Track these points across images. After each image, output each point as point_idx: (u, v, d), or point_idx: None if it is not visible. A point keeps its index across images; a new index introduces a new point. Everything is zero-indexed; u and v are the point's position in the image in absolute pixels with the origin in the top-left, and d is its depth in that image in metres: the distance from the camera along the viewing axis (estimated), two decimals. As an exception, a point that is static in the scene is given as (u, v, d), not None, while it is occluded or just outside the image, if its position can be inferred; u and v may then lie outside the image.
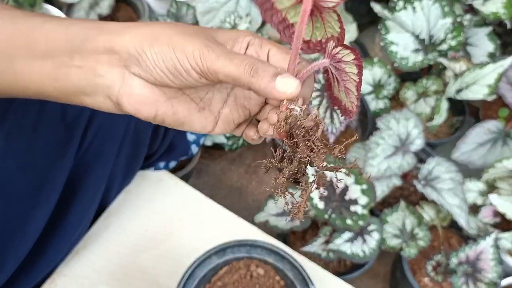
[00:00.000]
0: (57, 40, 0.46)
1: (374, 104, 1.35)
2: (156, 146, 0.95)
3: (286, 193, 0.44)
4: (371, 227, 1.11)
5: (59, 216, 0.81)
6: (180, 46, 0.43)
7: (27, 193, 0.75)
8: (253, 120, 0.51)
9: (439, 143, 1.38)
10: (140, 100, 0.46)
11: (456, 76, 1.23)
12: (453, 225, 1.20)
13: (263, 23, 1.43)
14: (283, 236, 1.23)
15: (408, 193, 1.31)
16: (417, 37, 1.29)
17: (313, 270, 0.98)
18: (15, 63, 0.47)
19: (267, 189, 0.43)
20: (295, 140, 0.42)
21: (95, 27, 0.46)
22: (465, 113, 1.41)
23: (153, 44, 0.43)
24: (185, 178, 1.26)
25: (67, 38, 0.46)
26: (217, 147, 1.38)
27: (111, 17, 1.50)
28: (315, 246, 1.11)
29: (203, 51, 0.43)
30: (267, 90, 0.42)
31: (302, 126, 0.42)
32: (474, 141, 1.29)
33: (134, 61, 0.44)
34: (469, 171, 1.27)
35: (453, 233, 1.23)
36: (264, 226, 1.14)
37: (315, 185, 0.44)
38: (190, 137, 1.24)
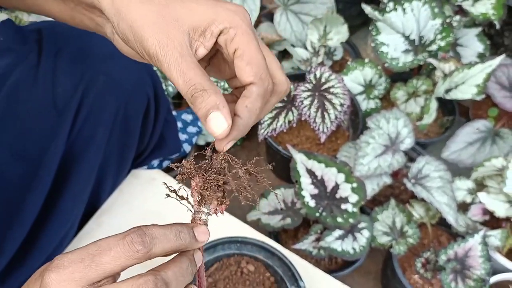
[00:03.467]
0: None
1: (365, 104, 1.36)
2: (147, 139, 0.97)
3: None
4: (362, 224, 1.13)
5: (53, 201, 0.82)
6: (138, 35, 0.43)
7: (21, 180, 0.77)
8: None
9: (429, 142, 1.39)
10: (129, 54, 0.50)
11: (445, 76, 1.24)
12: (443, 223, 1.21)
13: (257, 24, 1.45)
14: (274, 234, 1.24)
15: (398, 192, 1.32)
16: (407, 38, 1.31)
17: (304, 267, 0.99)
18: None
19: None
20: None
21: None
22: (455, 113, 1.42)
23: (118, 21, 0.44)
24: (178, 178, 1.27)
25: None
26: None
27: None
28: (306, 243, 1.12)
29: (156, 52, 0.42)
30: (202, 121, 0.42)
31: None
32: (464, 140, 1.31)
33: (113, 25, 0.46)
34: (459, 170, 1.29)
35: (443, 231, 1.24)
36: (257, 225, 1.15)
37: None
38: (182, 137, 1.25)
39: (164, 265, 0.42)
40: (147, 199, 1.07)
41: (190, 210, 0.46)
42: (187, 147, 1.23)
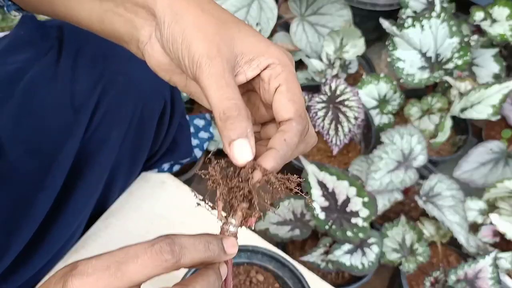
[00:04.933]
0: None
1: (378, 119, 1.36)
2: (159, 142, 0.96)
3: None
4: (371, 240, 1.11)
5: (63, 201, 0.81)
6: (188, 40, 0.42)
7: (34, 177, 0.75)
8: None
9: (441, 160, 1.38)
10: (157, 64, 0.47)
11: (461, 95, 1.24)
12: (453, 243, 1.20)
13: (273, 33, 1.44)
14: (282, 245, 1.23)
15: (408, 209, 1.31)
16: (424, 54, 1.30)
17: (311, 280, 0.97)
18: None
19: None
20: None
21: None
22: (468, 132, 1.41)
23: (171, 22, 0.43)
24: (187, 183, 1.26)
25: None
26: (221, 153, 1.38)
27: None
28: (315, 256, 1.11)
29: (202, 60, 0.41)
30: (224, 143, 0.41)
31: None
32: (476, 160, 1.30)
33: (159, 27, 0.45)
34: (470, 190, 1.28)
35: (452, 251, 1.23)
36: (265, 234, 1.14)
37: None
38: (194, 142, 1.24)
39: (191, 278, 0.40)
40: (156, 202, 1.05)
41: (220, 221, 0.44)
42: (198, 152, 1.22)
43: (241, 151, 0.40)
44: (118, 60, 0.81)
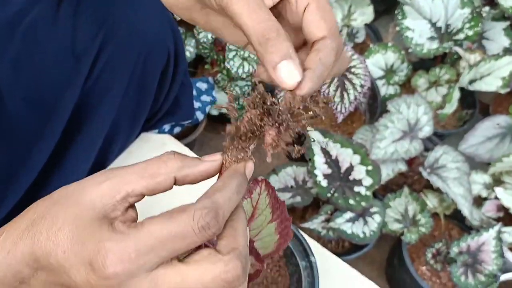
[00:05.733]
0: None
1: (384, 90, 1.33)
2: (161, 99, 0.93)
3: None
4: (373, 209, 1.09)
5: (61, 153, 0.78)
6: None
7: (32, 126, 0.73)
8: None
9: (446, 133, 1.36)
10: (175, 2, 0.45)
11: (471, 66, 1.21)
12: (455, 216, 1.18)
13: None
14: (282, 214, 1.20)
15: (411, 181, 1.29)
16: (433, 24, 1.27)
17: (312, 246, 0.95)
18: None
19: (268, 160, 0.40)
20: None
21: None
22: (476, 106, 1.39)
23: None
24: (188, 148, 1.24)
25: None
26: (222, 120, 1.35)
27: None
28: (316, 223, 1.09)
29: None
30: (268, 68, 0.38)
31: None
32: (483, 135, 1.27)
33: None
34: (474, 165, 1.25)
35: (454, 224, 1.21)
36: (265, 200, 1.12)
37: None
38: (196, 105, 1.22)
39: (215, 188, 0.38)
40: (156, 163, 1.03)
41: (230, 146, 0.41)
42: (200, 116, 1.19)
43: (289, 73, 0.37)
44: (122, 7, 0.78)
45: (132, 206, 0.39)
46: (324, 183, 1.07)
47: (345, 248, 1.20)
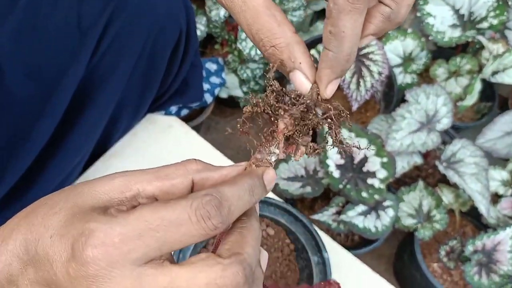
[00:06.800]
0: None
1: (401, 78, 1.27)
2: (170, 79, 0.88)
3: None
4: (387, 203, 1.05)
5: (64, 132, 0.74)
6: None
7: (34, 103, 0.68)
8: None
9: (464, 126, 1.31)
10: None
11: (495, 57, 1.15)
12: (469, 213, 1.14)
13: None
14: (290, 203, 1.16)
15: (425, 175, 1.24)
16: (456, 11, 1.21)
17: (323, 239, 0.91)
18: None
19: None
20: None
21: None
22: (495, 99, 1.33)
23: None
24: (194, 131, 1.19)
25: None
26: (230, 104, 1.30)
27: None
28: (326, 215, 1.05)
29: None
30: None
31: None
32: (502, 129, 1.22)
33: None
34: (491, 160, 1.21)
35: (469, 222, 1.17)
36: (274, 189, 1.07)
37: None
38: (204, 86, 1.16)
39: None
40: (162, 147, 0.98)
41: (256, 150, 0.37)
42: (208, 98, 1.14)
43: (299, 81, 0.38)
44: None
45: None
46: (336, 174, 1.03)
47: (354, 242, 1.16)
